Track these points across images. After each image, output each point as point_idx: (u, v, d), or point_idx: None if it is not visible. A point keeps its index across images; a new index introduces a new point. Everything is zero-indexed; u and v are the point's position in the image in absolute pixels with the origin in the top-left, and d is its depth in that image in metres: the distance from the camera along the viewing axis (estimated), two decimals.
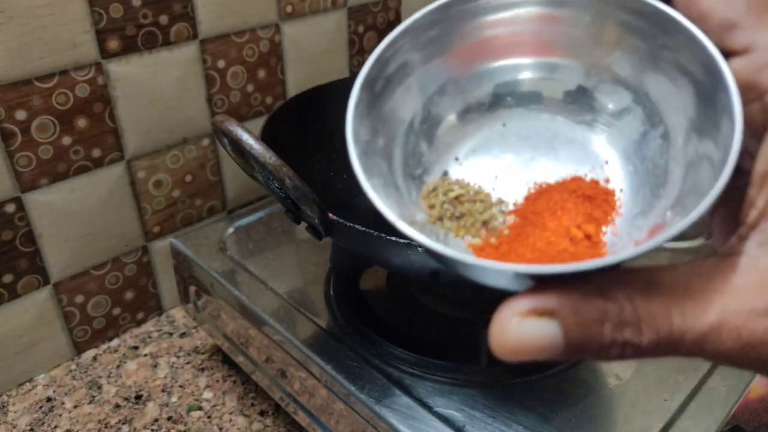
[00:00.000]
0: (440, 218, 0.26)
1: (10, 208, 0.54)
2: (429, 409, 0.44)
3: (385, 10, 0.77)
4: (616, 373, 0.47)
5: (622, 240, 0.25)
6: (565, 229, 0.25)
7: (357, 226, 0.42)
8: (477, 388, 0.45)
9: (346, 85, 0.63)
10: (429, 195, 0.27)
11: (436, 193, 0.27)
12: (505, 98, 0.29)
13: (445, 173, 0.28)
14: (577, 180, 0.27)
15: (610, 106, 0.27)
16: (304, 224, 0.47)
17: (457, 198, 0.27)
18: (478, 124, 0.29)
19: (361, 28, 0.75)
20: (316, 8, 0.69)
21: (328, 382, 0.46)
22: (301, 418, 0.51)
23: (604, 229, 0.25)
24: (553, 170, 0.28)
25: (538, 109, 0.29)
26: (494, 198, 0.27)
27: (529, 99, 0.28)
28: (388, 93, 0.27)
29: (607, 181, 0.27)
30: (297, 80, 0.70)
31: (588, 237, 0.25)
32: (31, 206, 0.55)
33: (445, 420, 0.43)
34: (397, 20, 0.78)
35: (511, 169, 0.28)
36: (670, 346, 0.20)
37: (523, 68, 0.28)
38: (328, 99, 0.60)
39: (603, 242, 0.25)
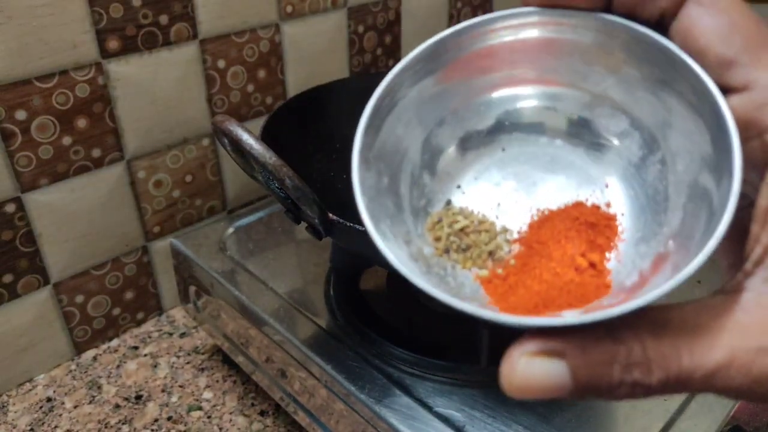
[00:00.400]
0: (446, 251, 0.26)
1: (10, 208, 0.54)
2: (429, 409, 0.43)
3: (385, 10, 0.77)
4: None
5: (626, 267, 0.25)
6: (569, 258, 0.25)
7: (357, 226, 0.42)
8: (477, 388, 0.45)
9: (346, 85, 0.63)
10: (434, 227, 0.27)
11: (441, 225, 0.27)
12: (504, 124, 0.29)
13: (449, 202, 0.28)
14: (579, 206, 0.27)
15: (609, 129, 0.27)
16: (304, 224, 0.47)
17: (462, 230, 0.27)
18: (479, 151, 0.29)
19: (361, 28, 0.75)
20: (316, 8, 0.69)
21: (328, 382, 0.46)
22: (301, 418, 0.51)
23: (607, 255, 0.25)
24: (554, 195, 0.28)
25: (537, 133, 0.29)
26: (498, 226, 0.27)
27: (532, 129, 0.29)
28: (390, 130, 0.27)
29: (608, 205, 0.27)
30: (297, 80, 0.70)
31: (593, 265, 0.25)
32: (31, 206, 0.55)
33: (446, 420, 0.43)
34: (397, 20, 0.78)
35: (513, 196, 0.28)
36: (680, 384, 0.20)
37: (523, 98, 0.28)
38: (329, 99, 0.60)
39: (607, 270, 0.25)
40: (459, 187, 0.28)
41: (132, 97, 0.58)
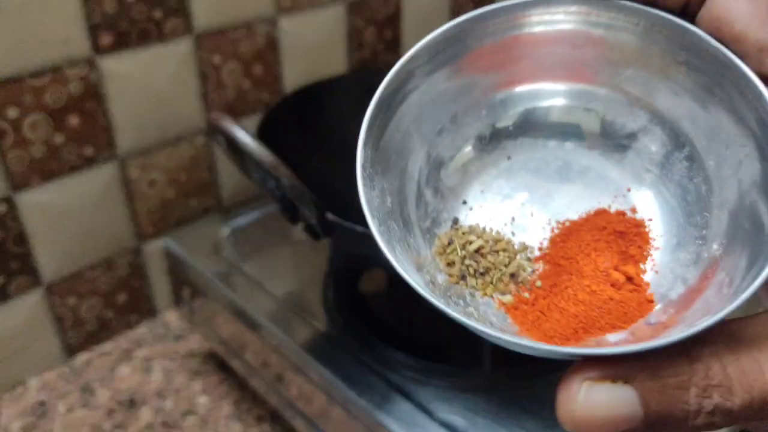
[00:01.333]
0: (462, 277, 0.24)
1: (2, 208, 0.54)
2: (431, 415, 0.43)
3: (386, 4, 0.76)
4: None
5: (666, 278, 0.23)
6: (603, 273, 0.23)
7: (356, 227, 0.41)
8: (480, 393, 0.45)
9: (344, 81, 0.63)
10: (445, 250, 0.24)
11: (452, 247, 0.24)
12: (507, 128, 0.26)
13: (456, 221, 0.26)
14: (602, 213, 0.25)
15: (626, 127, 0.25)
16: (301, 225, 0.46)
17: (477, 251, 0.24)
18: (482, 161, 0.26)
19: (360, 23, 0.74)
20: (314, 1, 0.68)
21: (327, 387, 0.46)
22: (299, 425, 0.51)
23: (642, 266, 0.23)
24: (573, 204, 0.26)
25: (544, 137, 0.26)
26: (516, 244, 0.25)
27: (538, 133, 0.26)
28: (389, 142, 0.24)
29: (634, 210, 0.25)
30: (294, 76, 0.70)
31: (630, 279, 0.23)
32: (23, 206, 0.55)
33: (448, 426, 0.42)
34: (397, 14, 0.78)
35: (528, 209, 0.26)
36: (764, 405, 0.18)
37: (523, 98, 0.26)
38: (327, 95, 0.60)
39: (646, 283, 0.23)
40: (465, 202, 0.26)
41: (125, 93, 0.58)
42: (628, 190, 0.25)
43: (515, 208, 0.26)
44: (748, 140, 0.22)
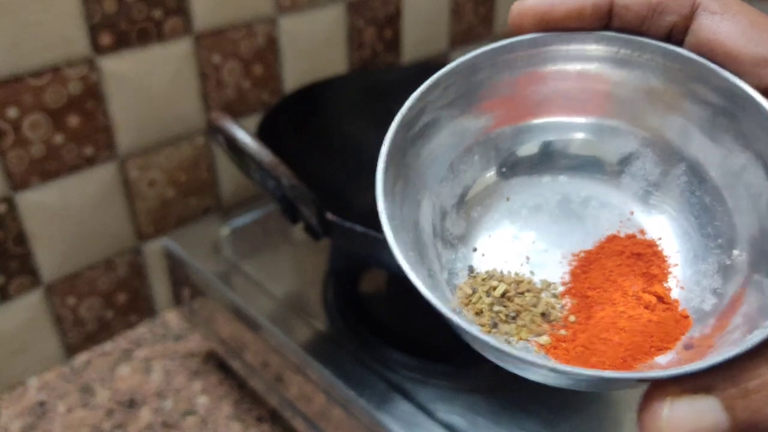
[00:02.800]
0: (494, 325, 0.23)
1: (2, 208, 0.53)
2: (431, 415, 0.43)
3: (386, 4, 0.76)
4: None
5: (693, 291, 0.23)
6: (633, 297, 0.23)
7: (356, 227, 0.41)
8: (480, 393, 0.44)
9: (345, 81, 0.63)
10: (470, 300, 0.24)
11: (477, 296, 0.24)
12: (500, 170, 0.26)
13: (471, 269, 0.25)
14: (614, 239, 0.25)
15: (618, 152, 0.25)
16: (301, 225, 0.46)
17: (503, 295, 0.24)
18: (483, 205, 0.26)
19: (360, 22, 0.74)
20: (314, 1, 0.68)
21: (327, 387, 0.46)
22: (299, 424, 0.50)
23: (665, 285, 0.23)
24: (583, 235, 0.25)
25: (538, 173, 0.26)
26: (538, 283, 0.25)
27: (531, 170, 0.26)
28: (403, 196, 0.23)
29: (643, 232, 0.25)
30: (294, 76, 0.70)
31: (660, 299, 0.23)
32: (23, 206, 0.55)
33: (448, 426, 0.42)
34: (397, 14, 0.77)
35: (539, 246, 0.26)
36: None
37: (509, 135, 0.26)
38: (327, 95, 0.60)
39: (676, 300, 0.23)
40: (476, 250, 0.26)
41: (125, 93, 0.57)
42: (632, 213, 0.25)
43: (527, 247, 0.26)
44: (745, 145, 0.22)
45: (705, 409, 0.18)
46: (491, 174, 0.26)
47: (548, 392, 0.45)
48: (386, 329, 0.50)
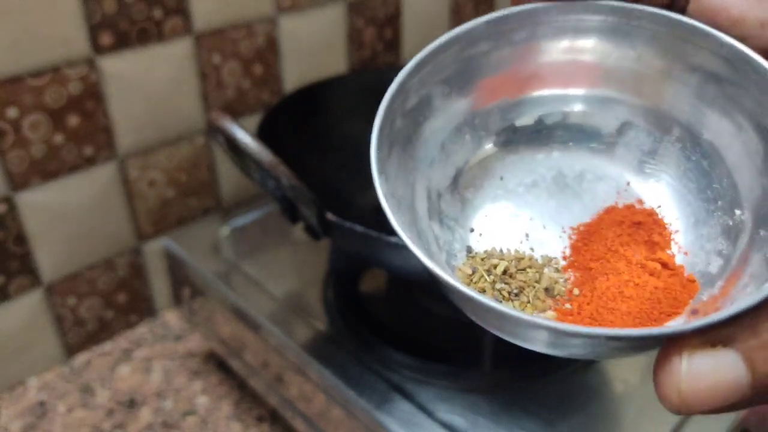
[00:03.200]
0: (497, 303, 0.23)
1: (2, 208, 0.53)
2: (431, 415, 0.43)
3: (385, 4, 0.76)
4: (624, 378, 0.46)
5: (698, 256, 0.23)
6: (638, 265, 0.23)
7: (356, 227, 0.41)
8: (480, 393, 0.44)
9: (345, 81, 0.63)
10: (471, 280, 0.23)
11: (478, 275, 0.23)
12: (493, 147, 0.26)
13: (469, 250, 0.25)
14: (612, 210, 0.25)
15: (608, 123, 0.25)
16: (301, 225, 0.46)
17: (504, 272, 0.23)
18: (476, 186, 0.26)
19: (360, 23, 0.74)
20: (314, 1, 0.68)
21: (327, 387, 0.45)
22: (299, 425, 0.50)
23: (668, 252, 0.23)
24: (581, 209, 0.25)
25: (531, 150, 0.26)
26: (539, 258, 0.24)
27: (523, 149, 0.26)
28: (396, 179, 0.23)
29: (640, 201, 0.25)
30: (294, 76, 0.70)
31: (665, 265, 0.22)
32: (23, 206, 0.55)
33: (448, 426, 0.42)
34: (397, 14, 0.77)
35: (537, 222, 0.26)
36: None
37: (500, 110, 0.26)
38: (327, 95, 0.60)
39: (681, 265, 0.23)
40: (473, 230, 0.25)
41: (125, 93, 0.57)
42: (628, 183, 0.25)
43: (525, 224, 0.26)
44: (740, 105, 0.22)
45: (725, 362, 0.17)
46: (483, 152, 0.26)
47: (548, 392, 0.45)
48: (386, 329, 0.50)
